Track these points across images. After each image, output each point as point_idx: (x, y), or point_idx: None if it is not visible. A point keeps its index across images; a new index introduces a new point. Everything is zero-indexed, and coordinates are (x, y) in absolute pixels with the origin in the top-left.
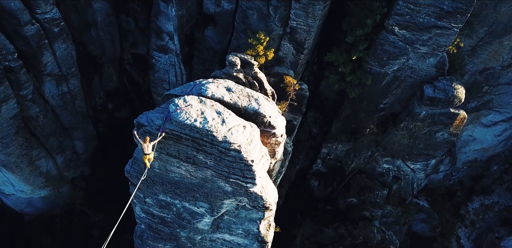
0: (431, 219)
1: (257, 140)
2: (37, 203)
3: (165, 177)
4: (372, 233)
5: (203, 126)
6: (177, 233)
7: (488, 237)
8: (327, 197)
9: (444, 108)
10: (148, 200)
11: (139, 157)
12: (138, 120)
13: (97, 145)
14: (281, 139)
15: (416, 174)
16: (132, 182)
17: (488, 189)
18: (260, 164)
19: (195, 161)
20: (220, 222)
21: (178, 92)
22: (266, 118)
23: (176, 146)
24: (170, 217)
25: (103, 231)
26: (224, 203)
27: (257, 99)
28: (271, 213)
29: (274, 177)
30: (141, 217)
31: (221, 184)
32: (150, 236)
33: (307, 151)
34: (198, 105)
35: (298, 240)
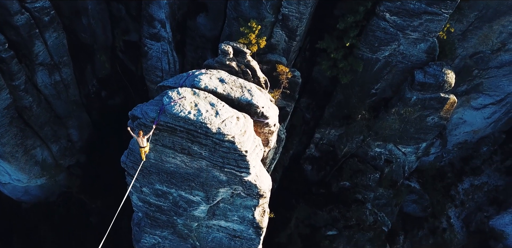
0: (422, 200)
1: (251, 131)
2: (33, 191)
3: (161, 167)
4: (364, 215)
5: (197, 118)
6: (174, 221)
7: (477, 216)
8: (320, 181)
9: (434, 93)
10: (145, 189)
11: (134, 148)
12: (132, 113)
13: (91, 132)
14: (274, 128)
15: (407, 157)
16: (128, 172)
17: (477, 170)
18: (254, 153)
19: (190, 152)
20: (215, 209)
21: (171, 83)
22: (259, 109)
23: (171, 138)
24: (167, 205)
25: (101, 217)
26: (220, 192)
27: (250, 90)
28: (265, 200)
29: (268, 164)
30: (138, 206)
31: (216, 173)
32: (147, 224)
33: (301, 136)
34: (192, 97)
35: (293, 223)
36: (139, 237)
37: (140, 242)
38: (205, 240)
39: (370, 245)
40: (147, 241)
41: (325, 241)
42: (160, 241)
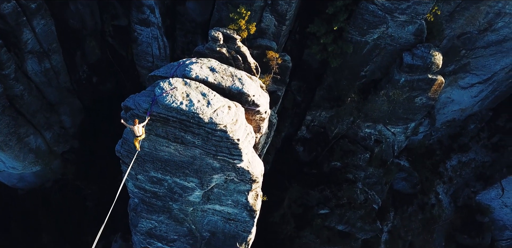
0: (411, 177)
1: (242, 119)
2: (29, 178)
3: (155, 155)
4: (355, 194)
5: (189, 109)
6: (169, 206)
7: (464, 192)
8: (312, 162)
9: (422, 75)
10: (140, 176)
11: (128, 138)
12: (125, 104)
13: (84, 118)
14: (265, 115)
15: (396, 137)
16: (123, 160)
17: (465, 147)
18: (246, 141)
19: (183, 141)
20: (210, 194)
21: (163, 73)
22: (250, 97)
23: (164, 128)
24: (162, 191)
25: (97, 202)
26: (213, 178)
27: (241, 79)
28: (258, 185)
29: (260, 150)
30: (134, 192)
31: (210, 161)
32: (143, 209)
33: (292, 118)
34: (183, 87)
35: (286, 203)
36: (136, 222)
37: (137, 226)
38: (201, 223)
39: (361, 223)
40: (144, 226)
41: (318, 220)
42: (157, 225)
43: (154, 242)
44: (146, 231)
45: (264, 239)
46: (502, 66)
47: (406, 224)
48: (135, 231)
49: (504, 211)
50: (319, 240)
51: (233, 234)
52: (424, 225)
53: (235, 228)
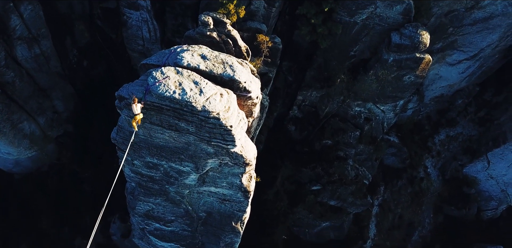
0: (400, 152)
1: (234, 106)
2: (24, 163)
3: (150, 142)
4: (346, 170)
5: (182, 97)
6: (166, 189)
7: (452, 165)
8: (303, 140)
9: (410, 54)
10: (136, 162)
11: (123, 125)
12: (119, 93)
13: (77, 102)
14: (257, 101)
15: (386, 114)
16: (119, 147)
17: (453, 121)
18: (238, 127)
19: (178, 128)
20: (205, 177)
21: (154, 61)
22: (242, 84)
23: (158, 116)
24: (158, 175)
25: (94, 185)
26: (208, 162)
27: (232, 66)
28: (252, 167)
29: (253, 133)
30: (130, 176)
31: (204, 146)
32: (141, 193)
33: (284, 98)
34: (175, 76)
35: (279, 181)
36: (134, 205)
37: (135, 209)
38: (197, 204)
39: (352, 198)
40: (141, 208)
41: (310, 196)
42: (154, 207)
43: (152, 223)
44: (144, 213)
45: (259, 215)
46: (488, 42)
47: (396, 197)
48: (133, 213)
49: (490, 182)
50: (312, 215)
51: (229, 214)
52: (413, 198)
53: (231, 208)
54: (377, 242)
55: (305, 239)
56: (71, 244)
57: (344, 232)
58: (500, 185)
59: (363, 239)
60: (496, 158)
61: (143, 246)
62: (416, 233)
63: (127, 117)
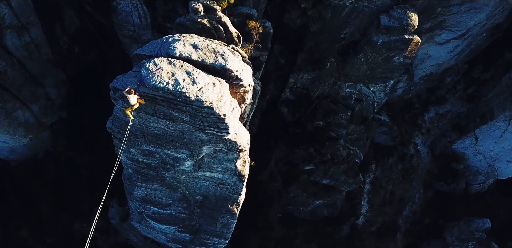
0: (391, 131)
1: (227, 95)
2: (20, 150)
3: (146, 130)
4: (338, 150)
5: (176, 88)
6: (162, 175)
7: (441, 142)
8: (296, 122)
9: (399, 36)
10: (132, 150)
11: (118, 115)
12: (113, 85)
13: (69, 89)
14: (249, 88)
15: (376, 95)
16: (114, 136)
17: (442, 99)
18: (231, 115)
19: (172, 117)
20: (201, 163)
21: (147, 51)
22: (233, 72)
23: (153, 106)
24: (155, 162)
25: (90, 170)
26: (203, 149)
27: (223, 55)
28: (245, 153)
29: (246, 118)
30: (127, 163)
31: (198, 134)
32: (138, 179)
33: (276, 81)
34: (168, 67)
35: (272, 162)
36: (131, 190)
37: (133, 194)
38: (193, 188)
39: (344, 176)
40: (139, 193)
41: (303, 176)
42: (151, 192)
43: (149, 207)
44: (142, 198)
45: (254, 196)
46: (476, 21)
47: (387, 174)
48: (131, 198)
49: (477, 158)
50: (305, 194)
51: (224, 196)
52: (403, 175)
53: (226, 191)
54: (369, 218)
55: (300, 217)
56: (70, 229)
57: (337, 209)
58: (487, 160)
59: (356, 215)
60: (484, 134)
61: (142, 229)
62: (406, 208)
63: (122, 108)
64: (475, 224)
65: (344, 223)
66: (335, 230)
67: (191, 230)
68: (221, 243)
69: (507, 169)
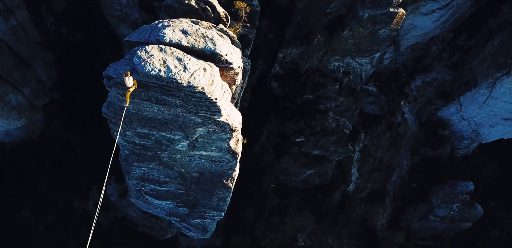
0: (379, 100)
1: (218, 79)
2: (14, 133)
3: (140, 115)
4: (327, 122)
5: (168, 75)
6: (158, 155)
7: (427, 109)
8: (286, 96)
9: (384, 9)
10: (128, 133)
11: (113, 101)
12: (106, 73)
13: (59, 70)
14: (239, 70)
15: (363, 67)
16: (110, 120)
17: (428, 67)
18: (223, 99)
19: (165, 102)
20: (195, 143)
21: (137, 38)
22: (223, 56)
23: (146, 92)
24: (150, 144)
25: (86, 149)
26: (197, 131)
27: (212, 39)
28: (238, 132)
29: (237, 98)
30: (123, 145)
31: (192, 117)
32: (135, 159)
33: (265, 55)
34: (159, 54)
35: (264, 135)
36: (129, 170)
37: (130, 173)
38: (189, 166)
39: (334, 147)
40: (136, 172)
41: (295, 148)
42: (148, 171)
43: (147, 184)
44: (139, 177)
45: (248, 168)
46: None
47: (375, 142)
48: (129, 177)
49: (462, 123)
50: (297, 165)
51: (219, 173)
52: (391, 142)
53: (221, 167)
54: (359, 185)
55: (292, 186)
56: (70, 206)
57: (328, 177)
58: (471, 125)
59: (346, 183)
60: (468, 101)
61: (141, 205)
62: (395, 174)
63: (117, 95)
64: (459, 187)
65: (335, 190)
66: (326, 198)
67: (189, 204)
68: (218, 215)
69: (490, 133)
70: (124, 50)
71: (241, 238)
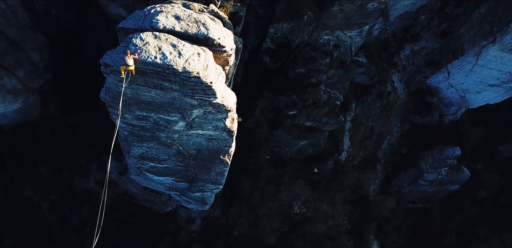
0: (369, 71)
1: (212, 63)
2: (11, 115)
3: (138, 99)
4: (319, 95)
5: (163, 61)
6: (157, 135)
7: (416, 77)
8: (278, 70)
9: None
10: (127, 115)
11: (111, 87)
12: (103, 61)
13: (51, 51)
14: (231, 52)
15: (353, 39)
16: (108, 104)
17: (417, 36)
18: (218, 82)
19: (162, 87)
20: (192, 123)
21: (131, 25)
22: (216, 40)
23: (143, 78)
24: (149, 125)
25: (84, 129)
26: (193, 112)
27: (205, 24)
28: (233, 112)
29: (230, 78)
30: (123, 127)
31: (188, 100)
32: (134, 140)
33: (256, 31)
34: (154, 41)
35: (258, 110)
36: (128, 149)
37: (130, 153)
38: (187, 144)
39: (326, 118)
40: (136, 151)
41: (288, 120)
42: (148, 150)
43: (147, 162)
44: (139, 155)
45: (242, 142)
46: None
47: (366, 112)
48: (129, 156)
49: (450, 90)
50: (290, 137)
51: (216, 149)
52: (382, 111)
53: (218, 145)
54: (351, 153)
55: (286, 157)
56: (71, 185)
57: (321, 147)
58: (459, 92)
59: (338, 151)
60: (455, 69)
61: (141, 181)
62: (385, 142)
63: (115, 81)
64: (447, 152)
65: (328, 159)
66: (320, 166)
67: (188, 179)
68: (216, 188)
69: (477, 99)
70: (119, 37)
71: (239, 208)
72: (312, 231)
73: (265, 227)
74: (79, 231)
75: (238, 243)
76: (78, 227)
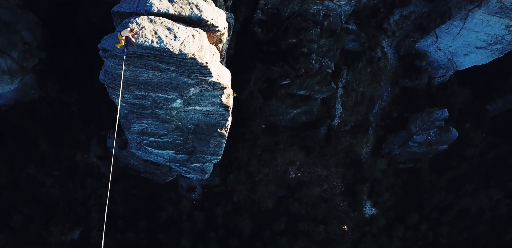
0: (359, 37)
1: (206, 44)
2: (8, 95)
3: (137, 80)
4: (311, 64)
5: (160, 45)
6: (156, 112)
7: (405, 42)
8: (270, 41)
9: None
10: (126, 95)
11: (110, 69)
12: (102, 46)
13: (43, 30)
14: (224, 31)
15: (342, 8)
16: (108, 86)
17: (405, 1)
18: (213, 61)
19: (160, 68)
20: (189, 100)
21: (126, 9)
22: (209, 21)
23: (141, 61)
24: (148, 103)
25: (82, 106)
26: (190, 90)
27: (197, 5)
28: (228, 89)
29: (224, 54)
30: (122, 105)
31: (185, 80)
32: (134, 117)
33: (247, 1)
34: (150, 25)
35: (252, 81)
36: (128, 126)
37: (130, 129)
38: (185, 120)
39: (318, 86)
40: (136, 128)
41: (281, 90)
42: (147, 126)
43: (147, 137)
44: (139, 131)
45: (238, 112)
46: None
47: (357, 77)
48: (129, 132)
49: (438, 54)
50: (284, 106)
51: (214, 123)
52: (372, 76)
53: (215, 119)
54: (343, 118)
55: (281, 125)
56: (73, 160)
57: (314, 114)
58: (447, 55)
59: (331, 117)
60: (443, 33)
61: (141, 155)
62: (376, 106)
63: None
64: (435, 114)
65: (321, 125)
66: (313, 133)
67: (187, 151)
68: (215, 159)
69: (464, 61)
70: (114, 21)
71: (237, 176)
72: (308, 194)
73: (263, 192)
74: (84, 203)
75: (238, 209)
76: (84, 200)
